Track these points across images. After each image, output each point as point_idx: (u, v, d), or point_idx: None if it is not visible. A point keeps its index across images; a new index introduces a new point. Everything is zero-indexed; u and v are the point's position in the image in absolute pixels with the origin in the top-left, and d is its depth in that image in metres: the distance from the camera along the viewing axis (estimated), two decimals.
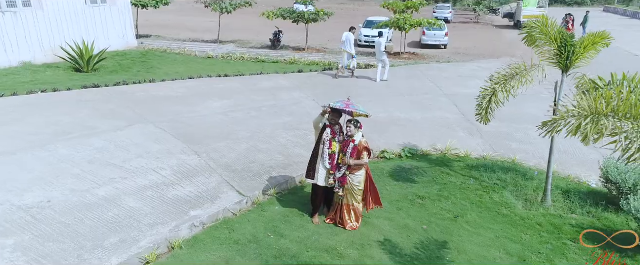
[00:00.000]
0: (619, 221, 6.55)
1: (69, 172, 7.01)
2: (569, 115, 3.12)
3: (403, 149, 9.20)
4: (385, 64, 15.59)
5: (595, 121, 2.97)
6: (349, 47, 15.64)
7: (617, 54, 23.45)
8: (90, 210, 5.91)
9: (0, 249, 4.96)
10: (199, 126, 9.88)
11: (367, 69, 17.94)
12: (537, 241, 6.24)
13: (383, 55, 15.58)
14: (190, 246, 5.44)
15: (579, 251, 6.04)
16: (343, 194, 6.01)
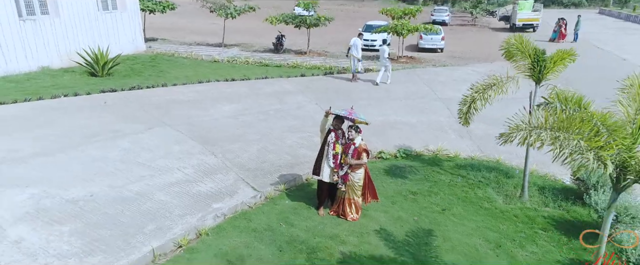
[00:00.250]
0: (584, 213, 7.53)
1: (103, 170, 7.98)
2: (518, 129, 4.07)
3: (398, 150, 10.16)
4: (387, 69, 16.73)
5: (537, 133, 3.92)
6: (355, 52, 16.94)
7: (607, 58, 24.43)
8: (127, 203, 6.88)
9: (59, 234, 5.93)
10: (212, 129, 10.85)
11: (365, 73, 18.89)
12: (513, 230, 7.21)
13: (387, 61, 16.76)
14: (215, 233, 6.41)
15: (548, 239, 7.02)
16: (345, 189, 6.98)
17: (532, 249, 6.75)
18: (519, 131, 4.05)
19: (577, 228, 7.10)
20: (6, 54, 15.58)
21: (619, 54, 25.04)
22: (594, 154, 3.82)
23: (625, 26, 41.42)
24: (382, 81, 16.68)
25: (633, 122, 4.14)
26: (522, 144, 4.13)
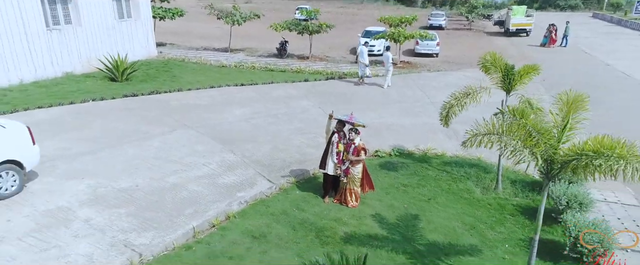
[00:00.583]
0: (547, 202, 8.98)
1: (142, 165, 9.43)
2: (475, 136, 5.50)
3: (393, 149, 11.61)
4: (388, 73, 18.51)
5: (488, 138, 5.36)
6: (362, 58, 18.75)
7: (592, 63, 25.89)
8: (167, 192, 8.33)
9: (118, 215, 7.38)
10: (228, 130, 12.30)
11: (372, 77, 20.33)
12: (486, 215, 8.67)
13: (390, 66, 18.51)
14: (240, 216, 7.86)
15: (514, 222, 8.48)
16: (346, 181, 8.43)
17: (500, 229, 8.21)
18: (475, 137, 5.49)
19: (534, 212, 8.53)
20: (36, 61, 17.04)
21: (604, 60, 26.51)
22: (529, 150, 5.26)
23: (615, 31, 42.90)
24: (387, 85, 18.39)
25: (559, 127, 5.57)
26: (478, 145, 5.56)
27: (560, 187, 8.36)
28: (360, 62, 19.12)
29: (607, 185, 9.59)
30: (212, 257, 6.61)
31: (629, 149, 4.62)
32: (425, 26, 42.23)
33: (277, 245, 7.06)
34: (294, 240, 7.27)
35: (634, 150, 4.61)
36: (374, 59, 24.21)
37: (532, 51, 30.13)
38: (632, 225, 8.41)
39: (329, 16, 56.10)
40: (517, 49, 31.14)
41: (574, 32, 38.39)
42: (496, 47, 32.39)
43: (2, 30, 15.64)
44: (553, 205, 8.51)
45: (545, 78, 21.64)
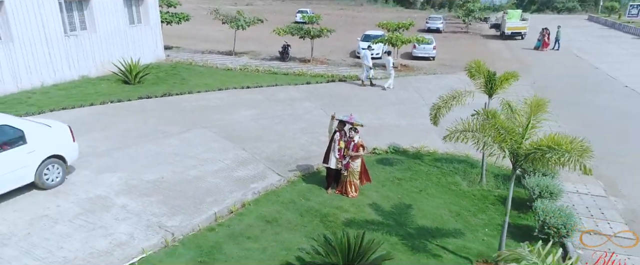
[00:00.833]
0: (523, 192, 10.15)
1: (164, 161, 10.57)
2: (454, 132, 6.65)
3: (389, 147, 12.75)
4: (391, 76, 19.74)
5: (464, 134, 6.49)
6: (367, 61, 20.11)
7: (582, 66, 27.04)
8: (189, 183, 9.47)
9: (149, 202, 8.52)
10: (238, 130, 13.43)
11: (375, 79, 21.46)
12: (470, 205, 9.81)
13: (391, 70, 19.84)
14: (254, 204, 8.99)
15: (495, 210, 9.62)
16: (347, 174, 9.56)
17: (482, 216, 9.36)
18: (454, 133, 6.63)
19: (516, 203, 9.69)
20: (55, 65, 18.18)
21: (594, 63, 27.66)
22: (498, 145, 6.40)
23: (608, 34, 44.04)
24: (387, 86, 19.60)
25: (523, 126, 6.71)
26: (456, 140, 6.71)
27: (534, 179, 9.51)
28: (364, 65, 20.39)
29: (580, 178, 10.79)
30: (233, 237, 7.75)
31: (573, 144, 5.76)
32: (423, 29, 43.41)
33: (287, 228, 8.20)
34: (301, 224, 8.40)
35: (577, 146, 5.75)
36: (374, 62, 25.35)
37: (526, 54, 31.30)
38: (598, 213, 9.57)
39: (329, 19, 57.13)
40: (511, 52, 32.30)
41: (568, 35, 39.58)
42: (491, 50, 33.57)
43: (25, 36, 16.78)
44: (528, 195, 9.66)
45: (535, 81, 22.88)
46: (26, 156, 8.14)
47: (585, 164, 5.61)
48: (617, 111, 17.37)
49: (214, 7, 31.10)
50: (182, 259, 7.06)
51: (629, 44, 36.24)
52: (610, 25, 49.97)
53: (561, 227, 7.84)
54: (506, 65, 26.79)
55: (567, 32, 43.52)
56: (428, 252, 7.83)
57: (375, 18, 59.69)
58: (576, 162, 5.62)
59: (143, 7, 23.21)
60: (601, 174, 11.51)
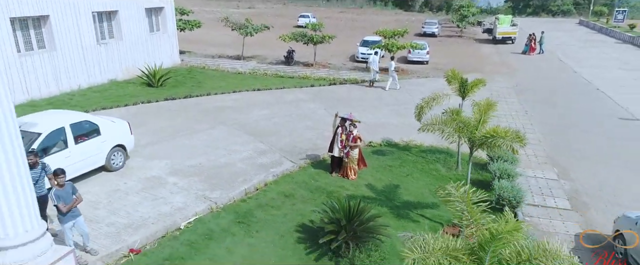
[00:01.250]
0: (489, 176, 12.55)
1: (198, 151, 12.97)
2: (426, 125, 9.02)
3: (382, 141, 15.12)
4: (394, 79, 22.45)
5: (433, 126, 8.86)
6: (374, 66, 22.99)
7: (563, 70, 29.44)
8: (222, 168, 11.86)
9: (194, 181, 10.92)
10: (255, 127, 15.81)
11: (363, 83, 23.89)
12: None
13: (394, 74, 22.60)
14: (274, 183, 11.38)
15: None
16: (347, 160, 11.94)
17: None
18: (427, 126, 9.04)
19: (482, 184, 12.07)
20: (89, 70, 20.58)
21: (574, 67, 30.07)
22: (457, 135, 8.80)
23: (595, 38, 46.49)
24: (391, 88, 22.37)
25: (477, 121, 9.11)
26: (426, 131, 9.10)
27: (496, 164, 11.91)
28: (371, 69, 22.94)
29: (539, 166, 13.22)
30: (260, 206, 10.14)
31: (508, 134, 8.16)
32: (420, 33, 45.83)
33: (301, 201, 10.60)
34: (312, 198, 10.79)
35: (511, 134, 8.15)
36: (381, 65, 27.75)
37: (514, 58, 33.73)
38: (547, 191, 11.98)
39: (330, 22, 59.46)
40: (500, 56, 34.73)
41: (557, 40, 42.03)
42: (483, 54, 35.97)
43: (65, 45, 19.18)
44: (491, 178, 12.06)
45: (518, 83, 25.30)
46: (100, 145, 10.53)
47: (514, 147, 8.01)
48: (584, 111, 19.79)
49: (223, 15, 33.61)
50: (225, 220, 9.45)
51: (611, 48, 38.69)
52: (598, 29, 52.41)
53: (512, 199, 10.23)
54: (494, 69, 29.32)
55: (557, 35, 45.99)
56: (410, 219, 10.21)
57: (374, 21, 62.13)
58: (508, 145, 8.02)
59: (161, 17, 25.64)
60: (557, 162, 13.93)
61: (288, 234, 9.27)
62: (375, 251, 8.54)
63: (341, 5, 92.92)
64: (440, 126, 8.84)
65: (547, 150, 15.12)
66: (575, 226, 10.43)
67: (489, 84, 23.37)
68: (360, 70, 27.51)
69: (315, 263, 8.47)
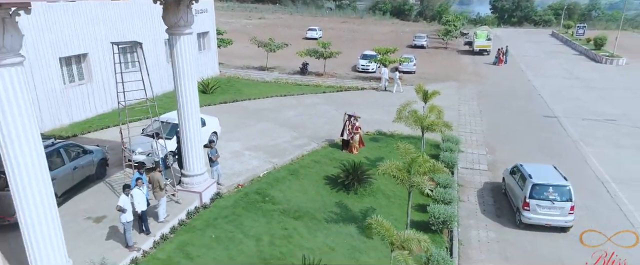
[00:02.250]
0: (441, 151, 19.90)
1: (256, 137, 20.30)
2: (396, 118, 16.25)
3: (375, 131, 22.44)
4: (398, 85, 29.91)
5: (400, 118, 16.08)
6: (385, 75, 30.68)
7: (519, 79, 36.70)
8: (274, 147, 19.20)
9: (260, 153, 18.23)
10: (287, 122, 23.14)
11: (363, 90, 31.21)
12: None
13: (398, 81, 30.20)
14: (307, 155, 18.70)
15: None
16: (352, 142, 19.30)
17: None
18: (397, 120, 16.36)
19: (435, 156, 19.38)
20: (162, 81, 27.95)
21: (529, 76, 37.42)
22: (414, 123, 16.13)
23: (558, 50, 53.74)
24: (397, 91, 29.79)
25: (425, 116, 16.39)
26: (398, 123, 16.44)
27: (445, 144, 19.23)
28: (382, 78, 30.52)
29: (477, 147, 20.58)
30: (301, 167, 17.46)
31: (439, 122, 15.51)
32: (411, 45, 53.31)
33: (324, 165, 17.94)
34: (331, 163, 18.13)
35: (441, 122, 15.50)
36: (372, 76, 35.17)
37: (485, 68, 41.10)
38: (477, 162, 19.32)
39: (333, 33, 66.89)
40: (475, 66, 42.11)
41: (526, 50, 49.34)
42: (461, 64, 43.31)
43: (154, 63, 26.50)
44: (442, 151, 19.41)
45: (482, 90, 32.65)
46: (206, 131, 17.86)
47: (443, 130, 15.37)
48: (522, 111, 27.16)
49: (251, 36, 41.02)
50: (282, 173, 16.75)
51: (566, 60, 46.03)
52: (564, 41, 59.71)
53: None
54: (468, 78, 36.69)
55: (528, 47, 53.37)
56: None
57: (373, 33, 69.45)
58: (439, 130, 15.38)
59: (207, 38, 33.06)
60: (489, 144, 21.27)
61: (319, 180, 16.61)
62: (368, 187, 15.90)
63: (343, 15, 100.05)
64: (405, 119, 16.16)
65: (486, 137, 22.48)
66: (486, 178, 17.79)
67: (460, 90, 30.95)
68: (361, 79, 34.88)
69: (335, 192, 15.80)
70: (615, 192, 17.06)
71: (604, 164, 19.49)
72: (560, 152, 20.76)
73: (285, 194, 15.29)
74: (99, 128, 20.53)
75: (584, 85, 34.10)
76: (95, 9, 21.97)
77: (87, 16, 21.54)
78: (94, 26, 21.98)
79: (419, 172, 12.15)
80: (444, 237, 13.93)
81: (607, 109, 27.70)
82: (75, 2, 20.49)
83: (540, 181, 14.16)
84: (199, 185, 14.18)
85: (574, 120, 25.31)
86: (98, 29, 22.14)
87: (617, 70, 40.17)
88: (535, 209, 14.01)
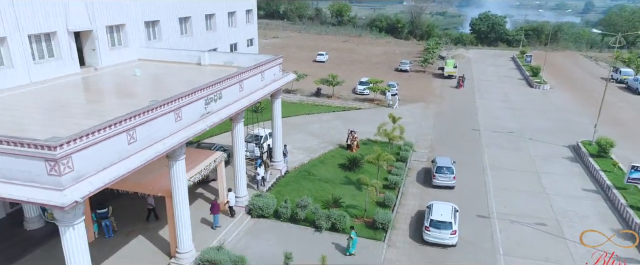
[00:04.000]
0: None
1: (297, 142, 35.95)
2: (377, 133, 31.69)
3: (366, 139, 38.06)
4: (395, 101, 45.57)
5: (379, 133, 31.56)
6: (389, 96, 46.43)
7: (469, 101, 52.13)
8: (309, 147, 34.83)
9: (301, 151, 33.88)
10: (313, 133, 38.78)
11: (360, 110, 46.91)
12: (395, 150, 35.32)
13: (397, 99, 46.01)
14: (328, 153, 34.29)
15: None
16: (352, 145, 34.98)
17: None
18: (378, 134, 31.95)
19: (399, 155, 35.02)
20: None
21: (477, 99, 52.91)
22: (384, 135, 31.76)
23: (510, 75, 68.59)
24: (395, 107, 45.60)
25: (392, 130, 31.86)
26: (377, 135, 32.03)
27: (404, 146, 34.94)
28: (387, 98, 46.30)
29: (424, 147, 36.49)
30: (326, 158, 33.01)
31: (395, 133, 31.21)
32: (397, 69, 69.02)
33: (337, 157, 33.48)
34: (341, 157, 33.68)
35: (397, 134, 31.20)
36: (370, 96, 50.93)
37: (448, 91, 56.70)
38: (423, 157, 35.06)
39: (336, 55, 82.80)
40: (441, 89, 57.74)
41: (485, 75, 64.97)
42: (431, 87, 58.85)
43: None
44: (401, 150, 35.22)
45: (441, 109, 48.48)
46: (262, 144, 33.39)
47: (400, 137, 31.08)
48: (461, 126, 42.86)
49: None
50: (315, 162, 32.22)
51: (511, 85, 61.58)
52: (517, 66, 75.00)
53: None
54: (433, 99, 52.46)
55: (488, 71, 69.06)
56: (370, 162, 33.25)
57: (370, 54, 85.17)
58: (398, 139, 31.11)
59: None
60: (431, 147, 36.97)
61: (335, 164, 32.15)
62: (360, 168, 31.59)
63: (343, 33, 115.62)
64: (381, 133, 31.75)
65: (431, 142, 38.14)
66: (424, 165, 33.48)
67: (425, 110, 46.64)
68: (359, 101, 50.50)
69: (343, 171, 31.41)
70: (487, 172, 32.58)
71: (490, 158, 34.98)
72: (470, 152, 36.28)
73: (318, 171, 30.92)
74: (208, 135, 36.17)
75: (509, 107, 49.75)
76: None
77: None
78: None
79: (383, 159, 27.62)
80: (395, 191, 29.49)
81: (513, 124, 43.34)
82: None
83: (440, 164, 29.80)
84: (279, 165, 29.88)
85: (488, 132, 40.93)
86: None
87: (541, 94, 55.70)
88: (438, 178, 29.62)
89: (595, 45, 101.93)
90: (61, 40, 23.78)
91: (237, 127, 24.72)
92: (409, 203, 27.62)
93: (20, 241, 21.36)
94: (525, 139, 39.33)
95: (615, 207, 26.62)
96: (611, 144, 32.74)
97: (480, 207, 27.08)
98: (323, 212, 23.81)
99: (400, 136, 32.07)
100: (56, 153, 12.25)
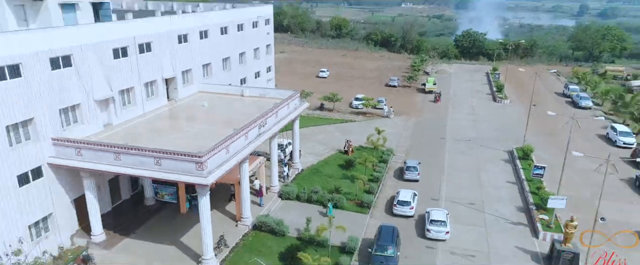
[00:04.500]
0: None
1: (308, 148, 49.01)
2: (367, 141, 44.60)
3: (359, 145, 51.09)
4: (391, 113, 58.87)
5: (368, 141, 44.41)
6: (385, 107, 59.93)
7: (442, 114, 65.07)
8: (318, 151, 47.93)
9: (312, 156, 46.99)
10: (321, 141, 51.77)
11: (362, 122, 60.02)
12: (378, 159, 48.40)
13: (392, 113, 59.10)
14: (331, 156, 47.32)
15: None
16: (349, 150, 48.05)
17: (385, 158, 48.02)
18: (367, 142, 44.96)
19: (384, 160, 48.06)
20: None
21: (449, 112, 66.02)
22: (371, 143, 44.78)
23: (480, 89, 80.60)
24: (391, 117, 58.94)
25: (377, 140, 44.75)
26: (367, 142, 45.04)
27: (387, 151, 48.02)
28: (384, 110, 59.63)
29: (401, 152, 49.73)
30: (329, 160, 46.11)
31: (379, 141, 44.30)
32: (387, 84, 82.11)
33: (338, 159, 46.56)
34: (340, 159, 46.77)
35: (381, 142, 44.28)
36: (364, 110, 64.11)
37: (427, 105, 69.78)
38: (400, 159, 48.23)
39: (336, 70, 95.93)
40: (422, 103, 70.80)
41: (460, 90, 78.14)
42: (413, 102, 71.80)
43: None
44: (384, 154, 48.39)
45: (419, 121, 61.71)
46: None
47: (383, 145, 44.16)
48: (433, 135, 55.94)
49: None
50: (322, 163, 45.24)
51: (479, 99, 74.44)
52: (489, 82, 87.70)
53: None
54: (414, 112, 65.72)
55: (464, 86, 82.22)
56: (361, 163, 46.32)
57: (365, 68, 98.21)
58: (381, 146, 44.19)
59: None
60: (407, 151, 50.05)
61: (336, 165, 45.22)
62: (354, 167, 44.68)
63: (342, 47, 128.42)
64: (369, 142, 44.61)
65: (407, 149, 51.18)
66: (400, 165, 46.59)
67: (406, 122, 59.94)
68: (355, 114, 63.59)
69: (342, 169, 44.44)
70: (444, 170, 45.52)
71: (448, 161, 47.87)
72: (435, 156, 49.18)
73: (324, 169, 44.00)
74: None
75: (473, 119, 62.79)
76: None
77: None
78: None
79: (369, 161, 40.61)
80: (377, 183, 42.38)
81: (471, 133, 56.31)
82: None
83: (409, 164, 42.84)
84: (297, 165, 43.02)
85: (452, 140, 53.93)
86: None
87: (500, 108, 68.63)
88: (407, 174, 42.65)
89: (564, 59, 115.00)
90: (159, 84, 36.96)
91: (273, 142, 37.65)
92: (387, 191, 40.70)
93: (141, 213, 34.46)
94: (478, 145, 52.44)
95: (523, 192, 39.78)
96: (531, 149, 45.89)
97: (434, 193, 40.20)
98: (328, 196, 36.90)
99: (383, 145, 45.11)
100: (202, 159, 25.34)
